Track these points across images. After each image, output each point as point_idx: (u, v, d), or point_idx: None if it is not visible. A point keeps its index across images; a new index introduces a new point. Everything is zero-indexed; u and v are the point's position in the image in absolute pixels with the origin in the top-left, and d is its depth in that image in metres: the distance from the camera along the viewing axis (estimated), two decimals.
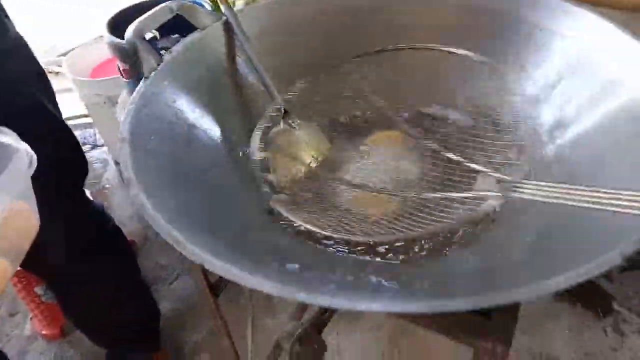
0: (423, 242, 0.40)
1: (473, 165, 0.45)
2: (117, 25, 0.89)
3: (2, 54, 0.58)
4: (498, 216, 0.41)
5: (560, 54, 0.48)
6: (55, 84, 0.75)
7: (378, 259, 0.39)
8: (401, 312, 0.28)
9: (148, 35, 0.97)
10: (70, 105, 1.36)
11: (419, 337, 1.01)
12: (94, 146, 1.62)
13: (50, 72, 1.59)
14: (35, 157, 0.24)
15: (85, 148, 1.58)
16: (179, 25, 0.54)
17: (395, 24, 0.56)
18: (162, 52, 0.50)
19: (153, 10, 0.50)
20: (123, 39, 0.48)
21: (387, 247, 0.40)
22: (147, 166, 0.38)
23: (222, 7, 0.54)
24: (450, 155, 0.47)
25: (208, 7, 0.84)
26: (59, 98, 0.73)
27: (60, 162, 0.62)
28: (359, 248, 0.40)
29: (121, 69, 0.91)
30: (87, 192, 0.84)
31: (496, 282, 0.32)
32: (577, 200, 0.34)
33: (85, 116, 1.46)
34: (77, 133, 1.04)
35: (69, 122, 0.87)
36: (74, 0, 2.25)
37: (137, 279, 0.90)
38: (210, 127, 0.48)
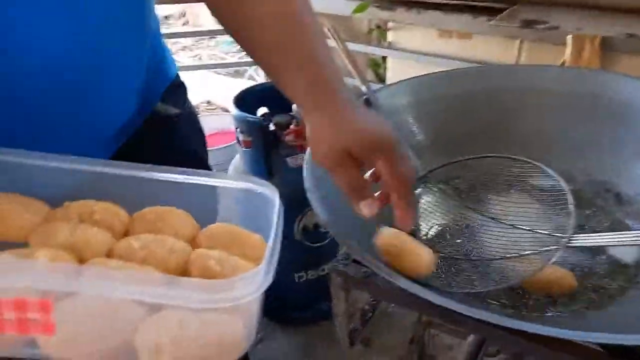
0: None
1: None
2: (242, 102, 1.02)
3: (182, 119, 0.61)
4: None
5: None
6: None
7: None
8: None
9: (261, 111, 1.10)
10: None
11: None
12: None
13: None
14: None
15: None
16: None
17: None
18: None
19: None
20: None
21: None
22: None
23: (363, 88, 0.63)
24: None
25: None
26: None
27: None
28: None
29: (241, 139, 1.03)
30: None
31: None
32: None
33: None
34: None
35: None
36: None
37: None
38: None
